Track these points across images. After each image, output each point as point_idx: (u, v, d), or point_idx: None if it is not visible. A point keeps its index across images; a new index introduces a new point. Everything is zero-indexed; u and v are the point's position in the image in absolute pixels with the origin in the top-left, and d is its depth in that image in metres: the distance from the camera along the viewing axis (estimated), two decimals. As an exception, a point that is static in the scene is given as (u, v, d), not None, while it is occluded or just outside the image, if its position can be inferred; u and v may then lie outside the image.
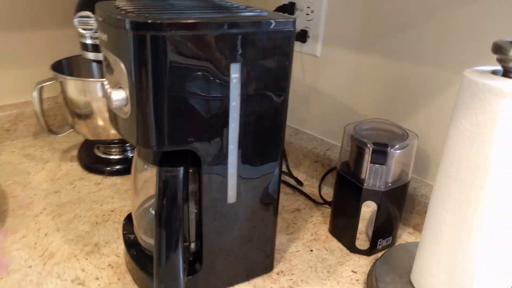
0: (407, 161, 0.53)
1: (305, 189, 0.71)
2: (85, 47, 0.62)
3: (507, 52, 0.33)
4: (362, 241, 0.55)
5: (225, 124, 0.39)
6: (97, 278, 0.49)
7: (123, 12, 0.34)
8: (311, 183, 0.73)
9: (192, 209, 0.45)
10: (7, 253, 0.51)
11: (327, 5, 0.64)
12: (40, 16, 0.78)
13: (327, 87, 0.70)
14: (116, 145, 0.72)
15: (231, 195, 0.43)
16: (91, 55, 0.63)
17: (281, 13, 0.40)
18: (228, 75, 0.36)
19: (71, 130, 0.69)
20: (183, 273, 0.41)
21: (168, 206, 0.39)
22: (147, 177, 0.47)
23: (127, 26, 0.32)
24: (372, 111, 0.65)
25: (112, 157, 0.73)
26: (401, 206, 0.56)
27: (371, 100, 0.64)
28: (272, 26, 0.36)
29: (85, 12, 0.57)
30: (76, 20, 0.57)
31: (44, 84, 0.62)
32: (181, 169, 0.39)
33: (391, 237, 0.57)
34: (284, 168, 0.76)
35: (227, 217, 0.44)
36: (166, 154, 0.40)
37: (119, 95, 0.35)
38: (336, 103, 0.70)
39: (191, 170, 0.42)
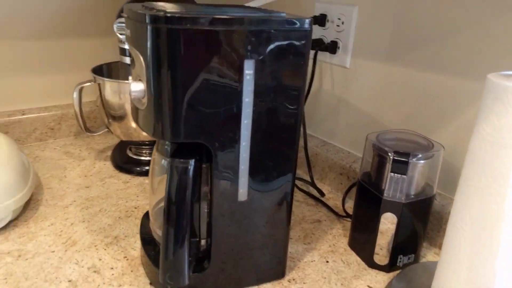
0: (431, 174, 0.51)
1: (329, 201, 0.70)
2: (123, 52, 0.66)
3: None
4: (382, 257, 0.53)
5: (238, 120, 0.39)
6: (112, 268, 0.50)
7: (146, 9, 0.36)
8: (336, 196, 0.71)
9: (205, 208, 0.46)
10: None
11: (357, 17, 0.64)
12: (85, 26, 0.84)
13: (356, 99, 0.69)
14: (146, 147, 0.75)
15: (242, 193, 0.43)
16: (128, 60, 0.67)
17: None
18: (242, 71, 0.37)
19: (106, 130, 0.73)
20: (189, 266, 0.42)
21: (177, 196, 0.40)
22: (163, 177, 0.48)
23: (147, 19, 0.34)
24: (400, 123, 0.63)
25: (142, 158, 0.76)
26: (425, 221, 0.53)
27: (399, 112, 0.63)
28: (287, 25, 0.37)
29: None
30: (115, 26, 0.61)
31: (83, 85, 0.67)
32: (192, 161, 0.40)
33: (413, 255, 0.54)
34: (306, 179, 0.75)
35: (237, 216, 0.44)
36: (180, 149, 0.42)
37: (137, 87, 0.37)
38: (364, 115, 0.68)
39: (204, 166, 0.43)
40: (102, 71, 0.73)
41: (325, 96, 0.74)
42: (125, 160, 0.76)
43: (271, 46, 0.37)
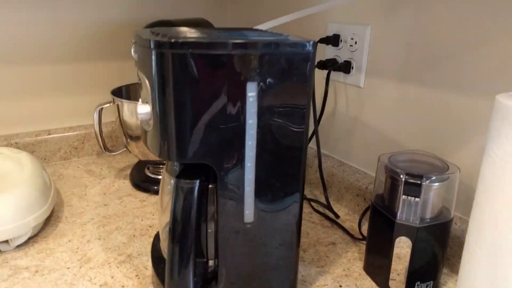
0: (448, 197, 0.49)
1: (345, 223, 0.68)
2: (141, 74, 0.69)
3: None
4: (398, 283, 0.51)
5: (242, 141, 0.40)
6: (123, 286, 0.51)
7: (153, 34, 0.38)
8: (352, 218, 0.70)
9: (212, 228, 0.46)
10: (51, 254, 0.56)
11: (370, 37, 0.64)
12: (107, 50, 0.88)
13: (371, 118, 0.68)
14: (164, 166, 0.76)
15: (248, 214, 0.43)
16: (146, 82, 0.69)
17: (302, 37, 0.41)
18: (245, 94, 0.38)
19: (124, 149, 0.76)
20: (194, 287, 0.41)
21: (182, 216, 0.40)
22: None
23: (151, 45, 0.35)
24: (417, 143, 0.61)
25: (159, 177, 0.77)
26: (443, 246, 0.50)
27: (415, 132, 0.61)
28: (289, 47, 0.38)
29: (142, 42, 0.64)
30: (133, 50, 0.64)
31: (103, 106, 0.69)
32: (198, 182, 0.40)
33: (432, 282, 0.51)
34: (323, 200, 0.74)
35: (244, 237, 0.44)
36: (187, 169, 0.42)
37: (143, 109, 0.38)
38: (380, 134, 0.67)
39: (211, 186, 0.44)
40: (121, 92, 0.75)
41: (340, 116, 0.74)
42: (143, 179, 0.77)
43: (274, 69, 0.38)
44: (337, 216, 0.68)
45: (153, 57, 0.35)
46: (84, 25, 0.84)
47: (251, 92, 0.38)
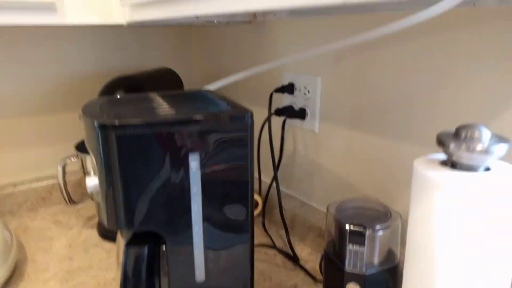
0: (392, 243, 0.51)
1: (308, 264, 0.70)
2: (104, 128, 0.71)
3: (447, 146, 0.33)
4: (353, 327, 0.53)
5: (188, 207, 0.42)
6: None
7: (102, 109, 0.40)
8: (315, 258, 0.71)
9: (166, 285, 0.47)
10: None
11: (321, 86, 0.68)
12: (72, 103, 0.90)
13: (327, 162, 0.71)
14: (130, 214, 0.77)
15: (199, 274, 0.45)
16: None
17: (242, 106, 0.44)
18: (187, 164, 0.40)
19: (89, 200, 0.76)
20: None
21: (132, 282, 0.41)
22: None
23: (95, 126, 0.37)
24: (368, 188, 0.64)
25: (126, 225, 0.78)
26: (393, 290, 0.53)
27: (367, 177, 0.64)
28: (229, 120, 0.40)
29: (102, 99, 0.67)
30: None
31: (67, 162, 0.70)
32: (146, 248, 0.42)
33: (385, 325, 0.53)
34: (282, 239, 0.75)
35: (197, 296, 0.45)
36: (138, 234, 0.44)
37: (92, 182, 0.40)
38: (336, 178, 0.70)
39: (164, 248, 0.45)
40: (85, 145, 0.77)
41: (300, 158, 0.77)
42: (110, 228, 0.78)
43: (214, 139, 0.40)
44: (297, 259, 0.70)
45: (98, 137, 0.37)
46: (46, 79, 0.85)
47: (193, 162, 0.40)
